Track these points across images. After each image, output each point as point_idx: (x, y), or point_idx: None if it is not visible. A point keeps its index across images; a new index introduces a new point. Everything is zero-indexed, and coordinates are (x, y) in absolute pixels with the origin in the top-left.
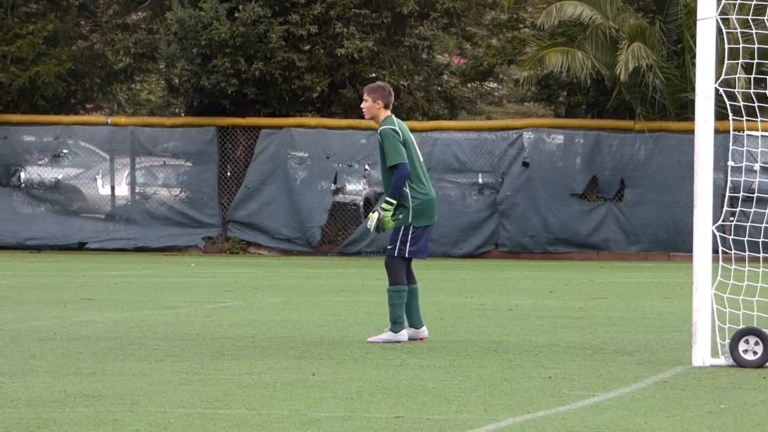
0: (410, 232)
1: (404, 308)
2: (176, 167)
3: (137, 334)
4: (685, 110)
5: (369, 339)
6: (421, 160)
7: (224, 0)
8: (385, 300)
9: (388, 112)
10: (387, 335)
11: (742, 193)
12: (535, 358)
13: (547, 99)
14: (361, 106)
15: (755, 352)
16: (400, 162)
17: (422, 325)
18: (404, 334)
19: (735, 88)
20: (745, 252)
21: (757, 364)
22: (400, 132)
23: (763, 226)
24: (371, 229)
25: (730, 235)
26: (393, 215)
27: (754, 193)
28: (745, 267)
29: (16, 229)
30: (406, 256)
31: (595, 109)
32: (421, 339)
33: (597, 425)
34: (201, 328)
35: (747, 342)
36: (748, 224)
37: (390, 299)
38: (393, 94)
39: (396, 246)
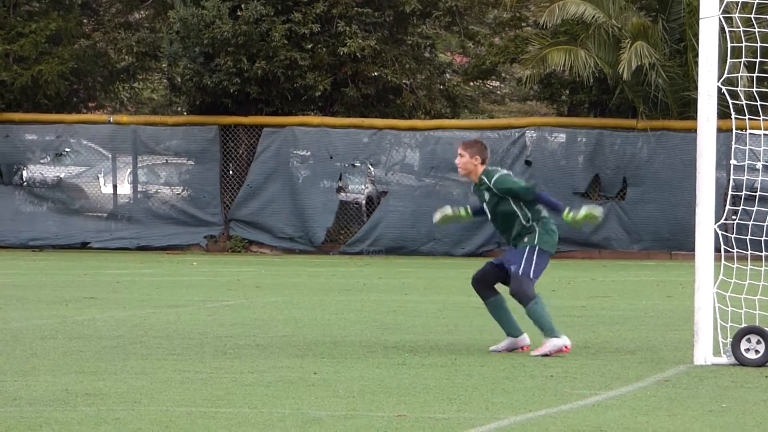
0: (535, 254)
1: (548, 314)
2: (178, 166)
3: (139, 333)
4: (688, 109)
5: (533, 353)
6: None
7: None
8: (386, 300)
9: (485, 167)
10: (551, 345)
11: (744, 192)
12: (537, 357)
13: (550, 98)
14: (456, 161)
15: (757, 351)
16: (531, 187)
17: (521, 333)
18: (565, 337)
19: (737, 87)
20: (747, 250)
21: (759, 363)
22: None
23: (765, 224)
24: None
25: (733, 233)
26: (518, 239)
27: (756, 192)
28: (747, 266)
29: (18, 228)
30: (531, 276)
31: (598, 107)
32: (522, 348)
33: (599, 424)
34: (203, 327)
35: (749, 341)
36: (751, 223)
37: (534, 315)
38: (488, 148)
39: (521, 266)
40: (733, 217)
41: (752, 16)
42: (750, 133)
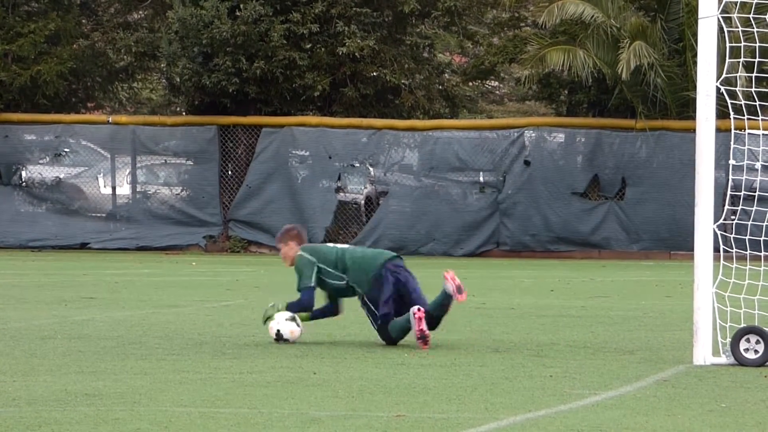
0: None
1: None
2: (177, 166)
3: (138, 333)
4: (687, 109)
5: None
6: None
7: None
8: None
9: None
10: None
11: (743, 192)
12: (536, 357)
13: (549, 97)
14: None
15: (756, 351)
16: (302, 288)
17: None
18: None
19: (736, 87)
20: (746, 251)
21: (758, 363)
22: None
23: (764, 224)
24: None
25: (732, 233)
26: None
27: (755, 192)
28: (746, 266)
29: (18, 229)
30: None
31: (597, 107)
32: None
33: (598, 424)
34: (202, 327)
35: (748, 341)
36: (750, 223)
37: (395, 330)
38: (300, 232)
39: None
40: (732, 217)
41: (751, 16)
42: (749, 133)
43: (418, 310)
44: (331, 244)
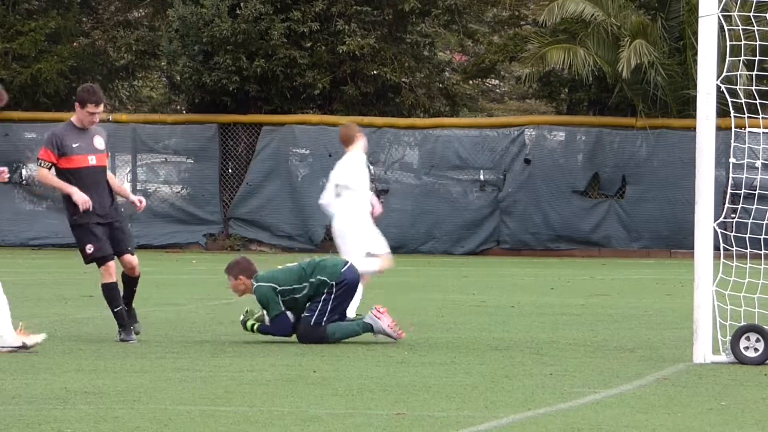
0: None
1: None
2: (178, 164)
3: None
4: (687, 107)
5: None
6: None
7: None
8: (385, 298)
9: (252, 280)
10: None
11: (743, 190)
12: (536, 355)
13: (549, 96)
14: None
15: (756, 349)
16: (274, 316)
17: (362, 320)
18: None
19: (737, 85)
20: (746, 249)
21: (758, 361)
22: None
23: (764, 223)
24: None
25: (732, 231)
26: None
27: (755, 190)
28: (746, 264)
29: (18, 227)
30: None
31: (597, 106)
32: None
33: (598, 422)
34: (202, 325)
35: (748, 339)
36: (750, 221)
37: (341, 333)
38: (252, 261)
39: (314, 315)
40: (732, 215)
41: (751, 14)
42: (749, 132)
43: (377, 310)
44: (281, 267)
